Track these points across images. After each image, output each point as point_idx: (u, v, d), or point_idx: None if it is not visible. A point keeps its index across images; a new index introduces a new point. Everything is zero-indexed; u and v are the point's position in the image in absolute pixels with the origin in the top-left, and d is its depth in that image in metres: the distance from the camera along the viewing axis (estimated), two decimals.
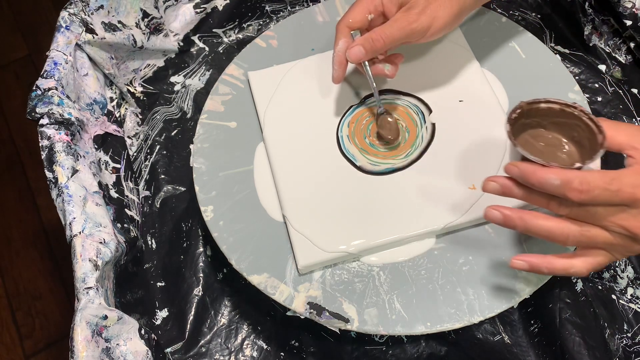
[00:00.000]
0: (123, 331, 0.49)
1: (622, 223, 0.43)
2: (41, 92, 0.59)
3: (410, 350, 0.59)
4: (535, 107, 0.49)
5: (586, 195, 0.42)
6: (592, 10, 0.73)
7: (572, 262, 0.46)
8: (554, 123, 0.49)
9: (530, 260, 0.48)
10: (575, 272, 0.46)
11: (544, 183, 0.43)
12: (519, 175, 0.45)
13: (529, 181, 0.44)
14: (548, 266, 0.47)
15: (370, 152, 0.61)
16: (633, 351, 0.58)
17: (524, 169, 0.44)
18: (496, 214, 0.47)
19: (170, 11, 0.76)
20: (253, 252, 0.57)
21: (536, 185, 0.44)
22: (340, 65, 0.58)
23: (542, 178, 0.43)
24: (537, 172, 0.44)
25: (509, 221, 0.47)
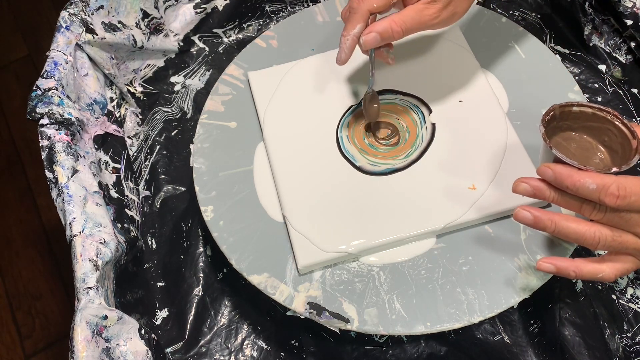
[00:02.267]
0: (123, 331, 0.49)
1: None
2: (41, 92, 0.59)
3: (410, 350, 0.59)
4: (567, 110, 0.49)
5: (622, 200, 0.42)
6: (592, 10, 0.73)
7: (600, 267, 0.46)
8: (584, 127, 0.49)
9: (558, 264, 0.47)
10: (602, 277, 0.46)
11: (580, 187, 0.43)
12: (552, 178, 0.44)
13: (563, 184, 0.44)
14: (576, 270, 0.46)
15: (370, 152, 0.61)
16: (633, 351, 0.58)
17: (559, 171, 0.44)
18: (527, 215, 0.46)
19: (170, 11, 0.76)
20: (253, 252, 0.57)
21: (570, 189, 0.44)
22: (350, 49, 0.55)
23: (578, 182, 0.43)
24: (572, 175, 0.43)
25: (539, 222, 0.46)
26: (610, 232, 0.44)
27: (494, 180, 0.58)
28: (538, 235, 0.56)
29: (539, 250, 0.55)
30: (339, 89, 0.66)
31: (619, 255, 0.46)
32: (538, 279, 0.54)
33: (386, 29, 0.53)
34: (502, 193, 0.56)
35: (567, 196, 0.45)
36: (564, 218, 0.46)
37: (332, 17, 0.72)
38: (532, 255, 0.55)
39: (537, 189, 0.46)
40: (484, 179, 0.58)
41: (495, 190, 0.57)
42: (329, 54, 0.68)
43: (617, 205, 0.42)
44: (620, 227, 0.44)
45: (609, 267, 0.46)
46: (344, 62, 0.56)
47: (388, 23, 0.53)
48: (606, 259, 0.46)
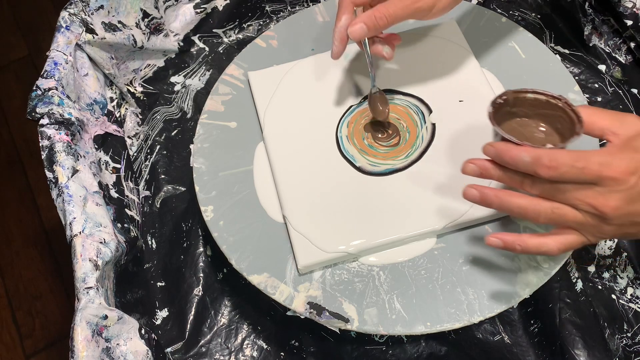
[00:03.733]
0: (123, 331, 0.49)
1: (589, 201, 0.44)
2: (41, 92, 0.59)
3: (410, 350, 0.59)
4: (521, 97, 0.50)
5: (554, 171, 0.43)
6: (592, 10, 0.73)
7: (544, 240, 0.47)
8: (540, 114, 0.51)
9: (505, 238, 0.49)
10: (546, 250, 0.47)
11: (517, 160, 0.45)
12: (494, 154, 0.46)
13: (503, 159, 0.46)
14: (521, 244, 0.48)
15: (370, 152, 0.61)
16: (633, 351, 0.58)
17: (499, 147, 0.46)
18: (474, 192, 0.49)
19: (170, 11, 0.76)
20: (253, 252, 0.57)
21: (509, 163, 0.45)
22: (341, 41, 0.57)
23: (516, 156, 0.45)
24: (510, 150, 0.45)
25: (485, 199, 0.48)
26: (549, 205, 0.46)
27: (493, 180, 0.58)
28: None
29: None
30: (339, 89, 0.66)
31: (564, 229, 0.47)
32: (538, 279, 0.54)
33: (369, 17, 0.55)
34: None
35: (509, 172, 0.47)
36: (508, 194, 0.47)
37: (332, 17, 0.72)
38: (532, 255, 0.55)
39: (483, 168, 0.48)
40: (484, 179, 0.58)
41: None
42: (329, 54, 0.68)
43: (550, 176, 0.44)
44: (559, 200, 0.45)
45: (552, 240, 0.47)
46: (337, 56, 0.58)
47: (371, 11, 0.55)
48: (552, 233, 0.48)
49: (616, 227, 0.45)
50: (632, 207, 0.44)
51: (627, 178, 0.43)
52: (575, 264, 0.61)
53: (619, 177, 0.43)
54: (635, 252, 0.62)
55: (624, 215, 0.44)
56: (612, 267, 0.62)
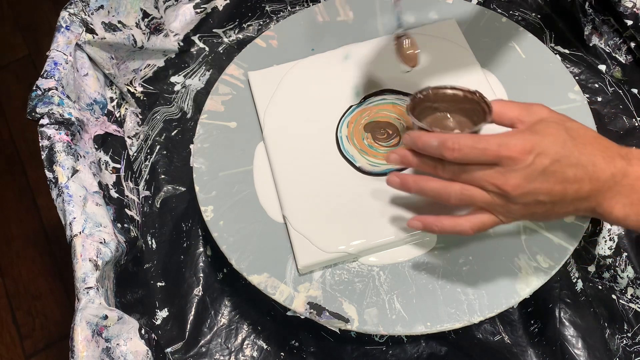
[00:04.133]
0: (123, 331, 0.49)
1: (493, 181, 0.46)
2: (41, 92, 0.59)
3: (410, 350, 0.59)
4: (441, 93, 0.53)
5: (458, 153, 0.46)
6: (592, 10, 0.73)
7: (458, 221, 0.50)
8: (459, 109, 0.54)
9: (424, 220, 0.51)
10: (461, 230, 0.49)
11: (427, 145, 0.48)
12: (410, 142, 0.50)
13: (416, 145, 0.49)
14: (438, 224, 0.50)
15: (370, 152, 0.61)
16: (633, 351, 0.58)
17: (413, 135, 0.49)
18: (395, 179, 0.52)
19: (170, 11, 0.76)
20: (253, 252, 0.57)
21: (422, 149, 0.49)
22: None
23: (425, 141, 0.48)
24: (422, 136, 0.49)
25: (405, 184, 0.52)
26: (459, 187, 0.48)
27: None
28: (538, 235, 0.56)
29: (539, 250, 0.55)
30: (339, 89, 0.66)
31: (477, 210, 0.49)
32: (538, 279, 0.54)
33: None
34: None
35: (424, 158, 0.50)
36: (425, 179, 0.50)
37: (332, 17, 0.72)
38: (532, 255, 0.55)
39: (403, 157, 0.51)
40: None
41: None
42: (329, 54, 0.68)
43: (455, 158, 0.47)
44: (467, 181, 0.48)
45: (466, 220, 0.49)
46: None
47: None
48: (465, 214, 0.50)
49: (522, 206, 0.47)
50: (532, 185, 0.46)
51: (524, 157, 0.45)
52: (575, 264, 0.61)
53: (516, 156, 0.45)
54: (635, 252, 0.62)
55: (525, 193, 0.46)
56: (612, 267, 0.62)
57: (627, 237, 0.62)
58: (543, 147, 0.45)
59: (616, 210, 0.47)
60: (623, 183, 0.46)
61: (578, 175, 0.46)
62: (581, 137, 0.47)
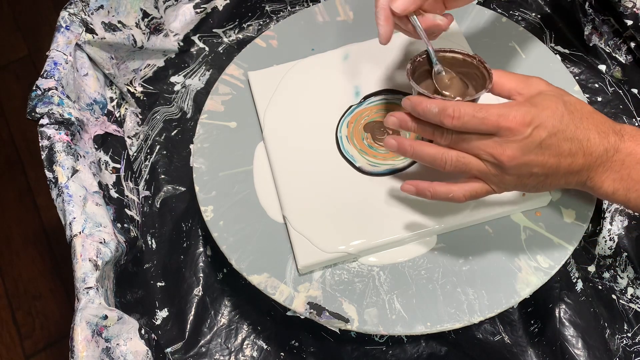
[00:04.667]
0: (123, 331, 0.49)
1: (489, 150, 0.47)
2: (41, 92, 0.59)
3: (410, 350, 0.59)
4: (440, 56, 0.53)
5: (457, 121, 0.46)
6: (592, 10, 0.73)
7: (451, 188, 0.50)
8: (458, 72, 0.54)
9: (418, 185, 0.52)
10: (453, 196, 0.50)
11: (427, 111, 0.48)
12: (410, 107, 0.50)
13: (416, 110, 0.49)
14: (431, 190, 0.51)
15: (370, 153, 0.61)
16: (633, 351, 0.58)
17: (414, 100, 0.49)
18: (392, 141, 0.52)
19: (170, 11, 0.76)
20: (253, 252, 0.57)
21: (421, 115, 0.49)
22: (386, 20, 0.52)
23: (426, 107, 0.48)
24: (422, 102, 0.49)
25: (401, 147, 0.52)
26: (455, 154, 0.49)
27: None
28: (538, 235, 0.56)
29: (539, 250, 0.55)
30: (339, 89, 0.66)
31: (470, 178, 0.50)
32: (538, 279, 0.54)
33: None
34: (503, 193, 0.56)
35: (423, 124, 0.50)
36: (421, 144, 0.51)
37: (332, 17, 0.72)
38: (532, 255, 0.55)
39: (401, 120, 0.51)
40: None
41: None
42: (329, 54, 0.68)
43: (454, 126, 0.47)
44: (464, 149, 0.48)
45: (458, 187, 0.50)
46: (386, 39, 0.53)
47: None
48: (459, 182, 0.51)
49: (515, 177, 0.48)
50: (528, 157, 0.46)
51: (522, 129, 0.45)
52: (575, 264, 0.61)
53: (514, 127, 0.45)
54: (635, 252, 0.62)
55: (520, 164, 0.47)
56: (612, 267, 0.62)
57: (627, 237, 0.62)
58: (541, 120, 0.46)
59: (605, 185, 0.48)
60: (614, 159, 0.47)
61: (573, 149, 0.47)
62: (578, 111, 0.47)
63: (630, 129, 0.49)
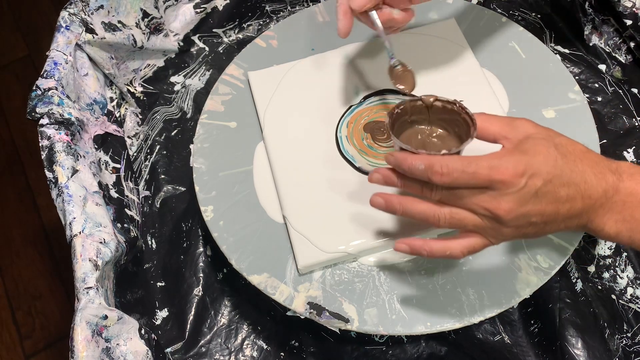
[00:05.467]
0: (123, 331, 0.49)
1: (484, 205, 0.44)
2: (41, 92, 0.59)
3: (410, 350, 0.59)
4: (419, 105, 0.51)
5: (447, 177, 0.44)
6: (592, 10, 0.73)
7: (448, 244, 0.48)
8: (440, 119, 0.52)
9: (412, 243, 0.49)
10: (451, 254, 0.48)
11: (413, 168, 0.45)
12: (394, 164, 0.47)
13: (401, 167, 0.47)
14: (427, 249, 0.48)
15: (369, 153, 0.61)
16: (633, 351, 0.58)
17: (397, 156, 0.47)
18: (379, 200, 0.49)
19: (170, 11, 0.76)
20: (253, 252, 0.57)
21: (407, 171, 0.46)
22: (345, 14, 0.54)
23: (411, 164, 0.45)
24: (407, 158, 0.46)
25: (390, 206, 0.49)
26: (448, 210, 0.46)
27: None
28: None
29: (539, 250, 0.55)
30: (339, 89, 0.66)
31: (467, 233, 0.47)
32: (538, 279, 0.54)
33: None
34: None
35: (409, 180, 0.48)
36: (411, 200, 0.48)
37: (332, 17, 0.72)
38: (532, 255, 0.55)
39: (386, 177, 0.49)
40: None
41: None
42: (329, 54, 0.68)
43: (444, 183, 0.44)
44: (456, 204, 0.46)
45: (456, 243, 0.47)
46: (344, 32, 0.55)
47: None
48: (456, 237, 0.48)
49: (514, 229, 0.46)
50: (525, 208, 0.44)
51: (516, 180, 0.43)
52: (575, 264, 0.61)
53: (508, 180, 0.43)
54: (635, 252, 0.62)
55: (518, 216, 0.44)
56: (612, 267, 0.62)
57: None
58: (535, 168, 0.43)
59: (607, 227, 0.46)
60: (615, 199, 0.45)
61: (570, 194, 0.44)
62: (571, 153, 0.45)
63: (627, 167, 0.46)
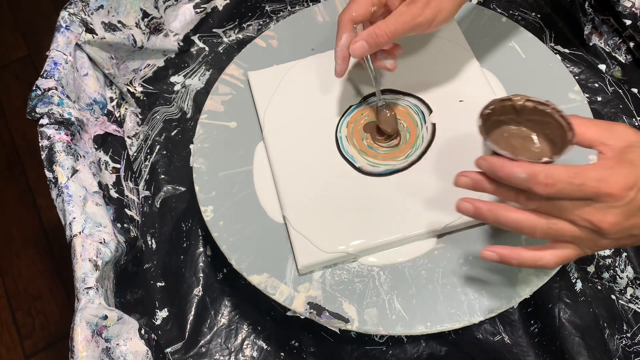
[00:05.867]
0: (123, 331, 0.49)
1: (587, 217, 0.43)
2: (41, 92, 0.59)
3: (410, 350, 0.59)
4: (508, 105, 0.49)
5: (551, 188, 0.42)
6: (591, 10, 0.73)
7: (540, 254, 0.46)
8: (528, 120, 0.50)
9: (500, 252, 0.47)
10: (543, 264, 0.46)
11: (511, 176, 0.43)
12: (488, 169, 0.45)
13: (497, 174, 0.44)
14: (517, 258, 0.47)
15: (369, 153, 0.61)
16: (632, 351, 0.58)
17: (493, 162, 0.45)
18: (467, 206, 0.47)
19: (170, 11, 0.76)
20: (253, 252, 0.57)
21: (504, 179, 0.44)
22: (343, 60, 0.57)
23: (510, 171, 0.43)
24: (504, 165, 0.44)
25: (479, 213, 0.47)
26: (546, 221, 0.45)
27: None
28: None
29: None
30: (339, 89, 0.66)
31: (560, 242, 0.46)
32: (538, 279, 0.54)
33: (370, 34, 0.54)
34: None
35: (504, 187, 0.45)
36: (503, 208, 0.46)
37: (332, 17, 0.72)
38: None
39: (476, 182, 0.47)
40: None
41: None
42: (329, 54, 0.68)
43: (547, 193, 0.43)
44: (555, 214, 0.44)
45: (549, 254, 0.46)
46: (340, 74, 0.58)
47: (372, 29, 0.54)
48: (547, 246, 0.47)
49: (612, 241, 0.45)
50: (630, 221, 0.43)
51: (625, 194, 0.42)
52: (575, 264, 0.61)
53: (617, 193, 0.42)
54: (635, 252, 0.62)
55: (622, 229, 0.43)
56: (611, 267, 0.62)
57: None
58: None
59: None
60: None
61: None
62: None
63: None
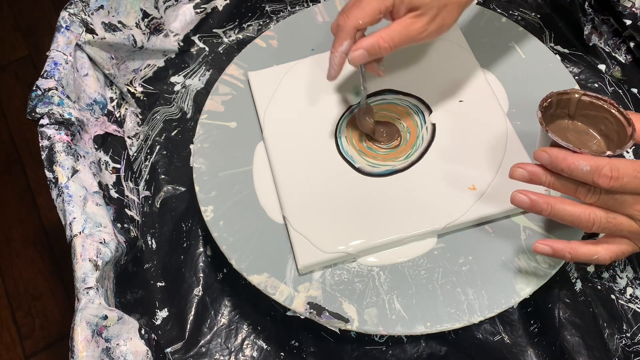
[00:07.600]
0: (123, 331, 0.49)
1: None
2: (41, 92, 0.59)
3: (410, 350, 0.59)
4: (565, 98, 0.49)
5: (615, 182, 0.42)
6: (591, 10, 0.73)
7: (596, 249, 0.46)
8: (582, 115, 0.50)
9: (555, 246, 0.47)
10: (598, 259, 0.46)
11: (574, 169, 0.43)
12: (548, 161, 0.45)
13: (558, 167, 0.44)
14: (571, 252, 0.46)
15: (369, 154, 0.61)
16: (632, 351, 0.58)
17: (555, 154, 0.44)
18: (523, 198, 0.47)
19: (170, 11, 0.76)
20: (253, 252, 0.57)
21: (566, 171, 0.44)
22: (340, 66, 0.56)
23: (573, 164, 0.43)
24: (567, 157, 0.43)
25: (535, 206, 0.46)
26: (604, 214, 0.45)
27: (494, 180, 0.58)
28: (538, 235, 0.56)
29: None
30: (339, 90, 0.66)
31: (615, 237, 0.46)
32: (538, 279, 0.54)
33: (373, 45, 0.53)
34: (502, 193, 0.56)
35: (563, 179, 0.45)
36: (560, 201, 0.46)
37: (332, 17, 0.72)
38: (532, 255, 0.55)
39: (533, 174, 0.46)
40: (484, 179, 0.58)
41: (495, 190, 0.57)
42: (329, 54, 0.68)
43: (611, 187, 0.42)
44: (614, 209, 0.44)
45: (604, 248, 0.46)
46: (333, 78, 0.57)
47: (375, 39, 0.53)
48: (602, 241, 0.47)
49: None
50: None
51: None
52: (575, 264, 0.61)
53: None
54: None
55: None
56: (611, 267, 0.62)
57: None
58: None
59: None
60: None
61: None
62: None
63: None
